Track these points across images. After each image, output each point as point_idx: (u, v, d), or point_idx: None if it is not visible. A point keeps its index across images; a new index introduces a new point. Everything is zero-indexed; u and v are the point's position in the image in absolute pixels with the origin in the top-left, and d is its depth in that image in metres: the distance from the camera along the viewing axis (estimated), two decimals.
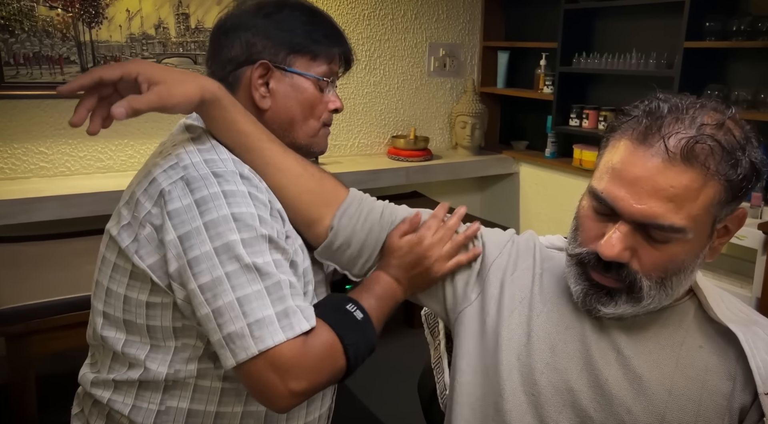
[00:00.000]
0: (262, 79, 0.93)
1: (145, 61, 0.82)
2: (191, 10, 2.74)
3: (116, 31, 2.61)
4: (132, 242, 0.84)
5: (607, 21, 3.01)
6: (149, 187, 0.84)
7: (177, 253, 0.80)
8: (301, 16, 0.95)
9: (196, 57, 2.79)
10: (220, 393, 0.90)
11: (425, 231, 0.94)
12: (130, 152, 2.75)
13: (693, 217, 0.74)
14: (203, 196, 0.80)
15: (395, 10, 3.26)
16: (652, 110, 0.77)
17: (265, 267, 0.80)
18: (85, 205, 2.38)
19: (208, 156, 0.85)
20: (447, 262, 0.95)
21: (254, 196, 0.83)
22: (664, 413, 0.78)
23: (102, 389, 0.91)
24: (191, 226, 0.79)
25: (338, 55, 0.98)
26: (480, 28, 3.55)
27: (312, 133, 0.98)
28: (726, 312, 0.82)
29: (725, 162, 0.73)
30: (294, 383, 0.77)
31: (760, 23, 2.31)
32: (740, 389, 0.78)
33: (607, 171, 0.78)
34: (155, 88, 0.78)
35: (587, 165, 3.00)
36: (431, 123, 3.54)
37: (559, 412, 0.83)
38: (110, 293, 0.89)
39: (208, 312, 0.78)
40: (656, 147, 0.74)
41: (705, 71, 2.53)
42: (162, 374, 0.87)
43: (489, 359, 0.90)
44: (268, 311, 0.78)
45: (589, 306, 0.83)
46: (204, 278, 0.78)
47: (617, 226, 0.77)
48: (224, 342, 0.78)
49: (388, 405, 2.34)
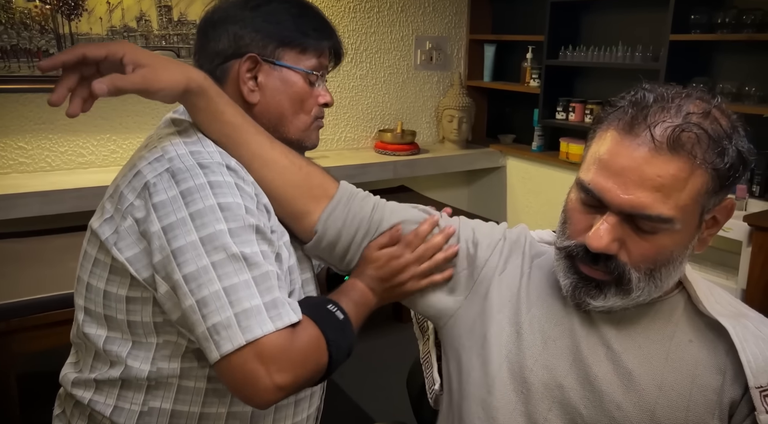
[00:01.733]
0: (250, 73, 0.91)
1: (132, 44, 0.79)
2: (174, 3, 2.70)
3: (96, 24, 2.56)
4: (112, 234, 0.82)
5: (594, 14, 3.01)
6: (133, 180, 0.82)
7: (161, 244, 0.77)
8: (291, 8, 0.93)
9: (179, 50, 2.75)
10: (204, 393, 0.88)
11: (404, 248, 0.93)
12: (112, 147, 2.70)
13: (681, 207, 0.73)
14: (189, 188, 0.78)
15: (381, 2, 3.24)
16: (637, 100, 0.76)
17: (253, 257, 0.78)
18: (66, 201, 2.34)
19: (193, 148, 0.83)
20: (421, 280, 0.94)
21: (240, 187, 0.81)
22: (655, 408, 0.77)
23: (83, 390, 0.89)
24: (176, 216, 0.77)
25: (328, 49, 0.96)
26: (466, 21, 3.54)
27: (303, 128, 0.96)
28: (715, 305, 0.82)
29: (712, 150, 0.72)
30: (279, 376, 0.75)
31: (745, 16, 2.32)
32: (730, 383, 0.77)
33: (594, 162, 0.78)
34: (140, 71, 0.76)
35: (574, 158, 3.01)
36: (418, 117, 3.52)
37: (549, 409, 0.82)
38: (90, 288, 0.86)
39: (193, 303, 0.75)
40: (642, 137, 0.73)
41: (691, 64, 2.54)
42: (144, 372, 0.85)
43: (478, 357, 0.89)
44: (256, 300, 0.76)
45: (579, 299, 0.82)
46: (189, 267, 0.76)
47: (605, 217, 0.76)
48: (208, 334, 0.75)
49: (377, 400, 2.33)
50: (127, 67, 0.76)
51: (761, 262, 1.95)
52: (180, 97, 0.83)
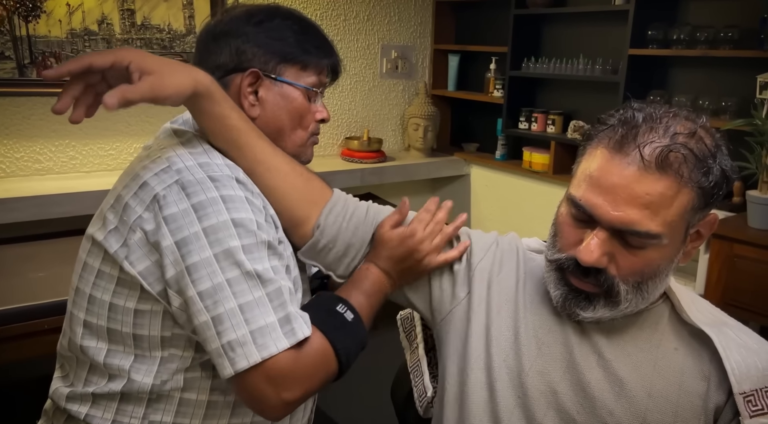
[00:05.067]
0: (251, 88, 0.92)
1: (137, 50, 0.78)
2: (137, 6, 2.64)
3: (56, 26, 2.48)
4: (121, 247, 0.81)
5: (556, 28, 3.09)
6: (140, 192, 0.81)
7: (174, 259, 0.77)
8: (293, 25, 0.94)
9: None
10: (206, 406, 0.87)
11: (417, 224, 0.95)
12: (71, 153, 2.61)
13: (668, 223, 0.76)
14: (200, 201, 0.78)
15: (348, 11, 3.25)
16: (627, 119, 0.79)
17: (265, 273, 0.78)
18: (23, 209, 2.24)
19: (201, 160, 0.83)
20: (437, 255, 0.96)
21: (250, 201, 0.82)
22: (645, 414, 0.81)
23: (78, 404, 0.86)
24: (189, 231, 0.77)
25: (327, 66, 0.98)
26: (431, 31, 3.58)
27: (300, 143, 0.98)
28: (697, 314, 0.86)
29: (698, 170, 0.76)
30: (287, 394, 0.76)
31: (699, 33, 2.43)
32: (714, 389, 0.81)
33: (584, 179, 0.80)
34: (147, 79, 0.75)
35: (537, 167, 3.08)
36: (384, 125, 3.54)
37: (545, 414, 0.84)
38: (93, 301, 0.85)
39: (207, 320, 0.76)
40: (632, 156, 0.76)
41: (648, 77, 2.64)
42: (147, 386, 0.84)
43: (477, 359, 0.90)
44: (270, 317, 0.77)
45: (569, 310, 0.85)
46: (204, 284, 0.76)
47: (595, 232, 0.79)
48: (223, 351, 0.75)
49: (357, 411, 2.31)
50: (133, 74, 0.76)
51: (718, 268, 2.04)
52: (187, 101, 0.83)
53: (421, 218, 0.96)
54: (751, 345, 0.82)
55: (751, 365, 0.79)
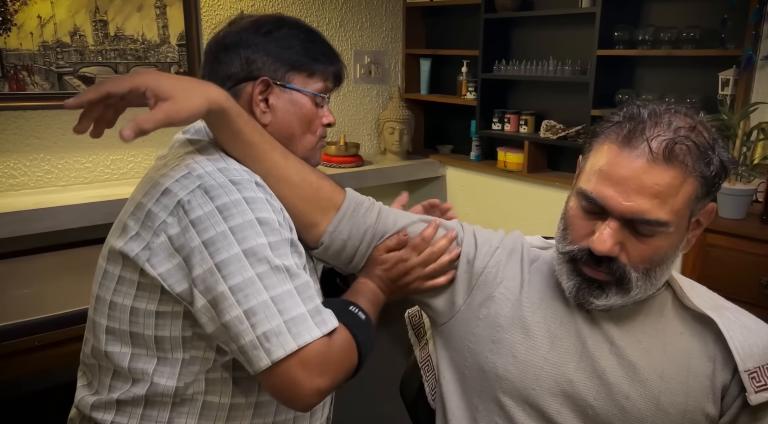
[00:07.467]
0: (262, 95, 0.95)
1: (153, 73, 0.81)
2: (110, 17, 2.61)
3: (27, 39, 2.43)
4: (143, 250, 0.83)
5: (525, 30, 3.18)
6: (162, 198, 0.83)
7: (202, 258, 0.79)
8: (300, 34, 0.97)
9: (117, 66, 2.65)
10: (229, 408, 0.89)
11: (410, 251, 0.99)
12: (46, 167, 2.56)
13: (675, 211, 0.82)
14: (224, 203, 0.81)
15: (320, 17, 3.27)
16: (633, 116, 0.85)
17: (292, 268, 0.82)
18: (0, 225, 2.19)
19: (220, 165, 0.86)
20: (426, 281, 1.00)
21: (270, 202, 0.85)
22: (659, 396, 0.86)
23: (103, 412, 0.88)
24: (216, 230, 0.79)
25: (332, 73, 1.01)
26: (402, 36, 3.63)
27: (310, 147, 1.01)
28: (697, 299, 0.91)
29: (701, 160, 0.81)
30: (319, 380, 0.79)
31: (662, 33, 2.54)
32: (720, 368, 0.87)
33: (594, 173, 0.85)
34: (163, 106, 0.78)
35: (511, 167, 3.15)
36: (359, 129, 3.57)
37: (561, 403, 0.88)
38: (115, 307, 0.87)
39: (239, 314, 0.78)
40: (640, 149, 0.81)
41: (616, 77, 2.74)
42: (171, 389, 0.86)
43: (486, 359, 0.95)
44: (301, 308, 0.80)
45: (582, 300, 0.89)
46: (235, 279, 0.78)
47: (607, 223, 0.83)
48: (258, 342, 0.77)
49: (366, 409, 2.32)
50: (150, 100, 0.78)
51: (692, 258, 2.14)
52: (203, 117, 0.85)
53: (415, 244, 0.99)
54: (750, 326, 0.88)
55: (753, 345, 0.85)
